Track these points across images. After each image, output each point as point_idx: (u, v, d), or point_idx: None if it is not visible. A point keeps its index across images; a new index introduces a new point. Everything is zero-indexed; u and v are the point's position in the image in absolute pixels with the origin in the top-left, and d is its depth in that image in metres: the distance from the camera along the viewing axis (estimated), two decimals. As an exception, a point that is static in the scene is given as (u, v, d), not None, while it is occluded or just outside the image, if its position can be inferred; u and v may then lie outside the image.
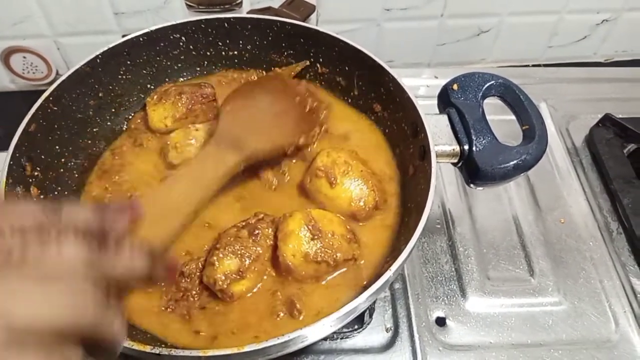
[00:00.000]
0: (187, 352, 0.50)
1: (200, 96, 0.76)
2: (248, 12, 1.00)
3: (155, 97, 0.77)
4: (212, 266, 0.61)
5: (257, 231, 0.63)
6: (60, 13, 0.99)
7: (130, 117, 0.81)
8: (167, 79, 0.83)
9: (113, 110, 0.79)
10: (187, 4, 1.01)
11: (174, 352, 0.50)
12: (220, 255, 0.61)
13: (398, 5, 1.05)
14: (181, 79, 0.85)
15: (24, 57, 1.06)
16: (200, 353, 0.50)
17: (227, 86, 0.82)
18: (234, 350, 0.50)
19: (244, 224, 0.65)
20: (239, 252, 0.62)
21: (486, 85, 0.70)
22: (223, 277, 0.60)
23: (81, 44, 1.05)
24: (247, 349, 0.50)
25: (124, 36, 0.77)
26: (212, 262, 0.61)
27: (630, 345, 0.72)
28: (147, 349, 0.50)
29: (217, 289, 0.61)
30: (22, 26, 1.00)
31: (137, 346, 0.50)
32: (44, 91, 0.68)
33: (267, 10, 0.97)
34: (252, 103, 0.70)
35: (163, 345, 0.53)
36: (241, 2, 1.01)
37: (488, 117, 0.68)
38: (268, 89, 0.73)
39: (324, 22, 1.07)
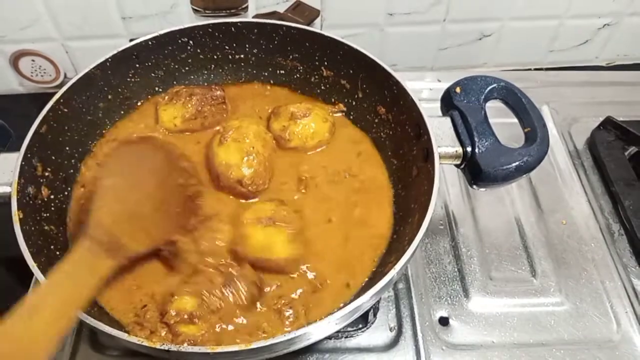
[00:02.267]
0: (195, 349, 0.52)
1: (211, 98, 0.78)
2: (253, 17, 1.02)
3: (166, 97, 0.79)
4: (171, 297, 0.60)
5: (230, 286, 0.61)
6: (69, 17, 1.01)
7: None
8: (174, 82, 0.84)
9: (122, 112, 0.81)
10: (193, 9, 1.02)
11: (182, 348, 0.51)
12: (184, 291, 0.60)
13: (401, 10, 1.07)
14: (188, 82, 0.86)
15: (33, 61, 1.07)
16: (209, 349, 0.51)
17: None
18: (242, 347, 0.51)
19: (223, 270, 0.62)
20: (202, 295, 0.60)
21: (488, 88, 0.71)
22: (174, 313, 0.58)
23: (89, 47, 1.06)
24: (254, 345, 0.51)
25: (131, 40, 0.78)
26: (172, 293, 0.61)
27: (631, 345, 0.73)
28: (157, 345, 0.51)
29: (164, 321, 0.59)
30: (31, 30, 1.02)
31: (146, 342, 0.51)
32: (52, 94, 0.69)
33: (273, 14, 0.99)
34: (130, 181, 0.61)
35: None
36: (247, 7, 1.03)
37: (490, 120, 0.69)
38: (149, 162, 0.64)
39: (328, 26, 1.08)
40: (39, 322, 0.45)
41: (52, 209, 0.67)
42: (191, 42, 0.81)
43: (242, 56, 0.85)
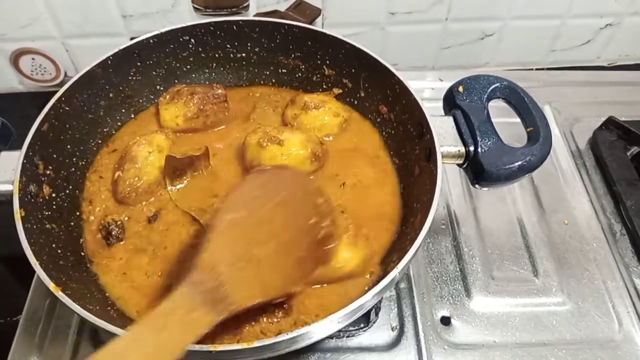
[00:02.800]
0: (197, 347, 0.51)
1: (212, 96, 0.78)
2: (254, 16, 1.01)
3: (167, 96, 0.79)
4: None
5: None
6: (69, 15, 1.01)
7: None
8: (176, 80, 0.84)
9: (123, 110, 0.80)
10: (194, 7, 1.02)
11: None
12: None
13: (403, 9, 1.06)
14: (189, 81, 0.86)
15: (33, 59, 1.07)
16: (211, 348, 0.50)
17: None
18: (244, 346, 0.51)
19: None
20: None
21: (491, 88, 0.71)
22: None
23: (89, 46, 1.06)
24: (256, 344, 0.50)
25: (132, 39, 0.78)
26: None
27: (633, 345, 0.73)
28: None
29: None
30: (31, 28, 1.01)
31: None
32: (52, 93, 0.69)
33: (274, 13, 0.99)
34: (255, 217, 0.51)
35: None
36: (248, 6, 1.03)
37: (493, 120, 0.69)
38: (279, 196, 0.53)
39: (329, 25, 1.08)
40: None
41: (54, 207, 0.67)
42: (193, 40, 0.81)
43: (243, 55, 0.85)
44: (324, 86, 0.84)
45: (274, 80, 0.87)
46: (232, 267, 0.47)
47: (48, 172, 0.67)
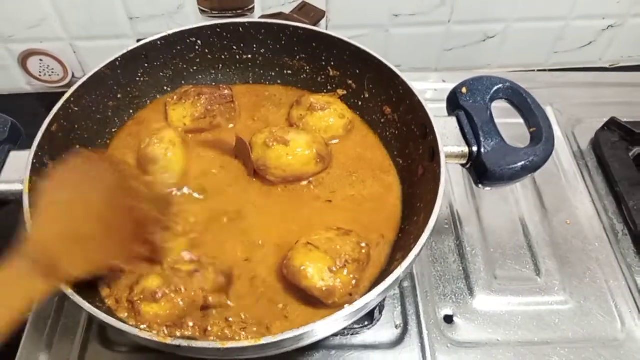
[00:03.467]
0: (205, 344, 0.52)
1: (219, 97, 0.79)
2: (259, 18, 1.02)
3: (175, 97, 0.80)
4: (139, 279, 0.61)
5: (198, 272, 0.61)
6: (76, 17, 1.02)
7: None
8: (183, 82, 0.85)
9: (131, 111, 0.82)
10: (200, 9, 1.03)
11: (193, 343, 0.52)
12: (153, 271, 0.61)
13: (406, 11, 1.07)
14: (195, 82, 0.87)
15: (41, 60, 1.08)
16: (219, 345, 0.51)
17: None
18: (251, 343, 0.51)
19: (194, 260, 0.63)
20: (167, 278, 0.60)
21: (494, 89, 0.72)
22: (137, 291, 0.59)
23: (97, 47, 1.07)
24: (263, 341, 0.51)
25: (138, 40, 0.79)
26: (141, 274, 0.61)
27: (636, 344, 0.73)
28: (167, 340, 0.52)
29: (129, 299, 0.60)
30: (39, 29, 1.03)
31: (156, 337, 0.52)
32: (59, 93, 0.70)
33: (279, 15, 1.00)
34: (74, 198, 0.56)
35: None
36: (253, 8, 1.04)
37: (496, 121, 0.70)
38: (97, 179, 0.60)
39: (333, 27, 1.09)
40: None
41: (63, 206, 0.68)
42: (199, 42, 0.82)
43: (249, 56, 0.86)
44: (329, 87, 0.85)
45: (279, 81, 0.88)
46: (58, 242, 0.52)
47: (57, 171, 0.68)
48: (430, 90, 1.06)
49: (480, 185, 0.70)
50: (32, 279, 0.49)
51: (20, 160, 0.63)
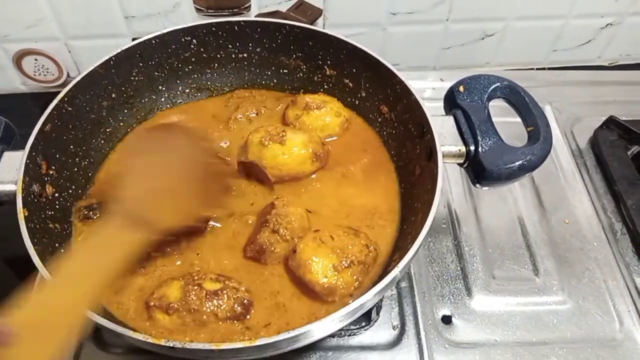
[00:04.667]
0: (200, 345, 0.52)
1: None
2: (256, 16, 1.02)
3: None
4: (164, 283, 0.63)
5: (217, 297, 0.61)
6: (72, 16, 1.01)
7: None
8: (177, 81, 0.84)
9: (125, 111, 0.81)
10: (196, 8, 1.02)
11: (187, 345, 0.51)
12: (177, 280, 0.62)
13: (404, 10, 1.07)
14: (191, 81, 0.86)
15: (36, 60, 1.08)
16: (214, 346, 0.51)
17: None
18: (246, 344, 0.51)
19: (220, 280, 0.63)
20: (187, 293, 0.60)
21: (492, 87, 0.71)
22: (156, 296, 0.61)
23: (92, 46, 1.06)
24: (258, 342, 0.51)
25: (134, 39, 0.78)
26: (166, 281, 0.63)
27: (634, 344, 0.73)
28: (161, 341, 0.51)
29: (148, 303, 0.61)
30: (34, 29, 1.02)
31: (151, 339, 0.51)
32: (54, 93, 0.70)
33: (275, 14, 0.99)
34: (155, 160, 0.62)
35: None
36: (249, 6, 1.03)
37: (493, 120, 0.69)
38: (172, 143, 0.64)
39: (330, 25, 1.08)
40: (71, 294, 0.47)
41: (57, 207, 0.68)
42: (195, 41, 0.82)
43: (245, 55, 0.85)
44: (325, 86, 0.85)
45: (275, 80, 0.87)
46: (146, 199, 0.57)
47: (51, 172, 0.68)
48: (429, 89, 1.06)
49: (477, 185, 0.69)
50: (127, 233, 0.53)
51: (14, 161, 0.63)
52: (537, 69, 1.23)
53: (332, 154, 0.78)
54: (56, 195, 0.68)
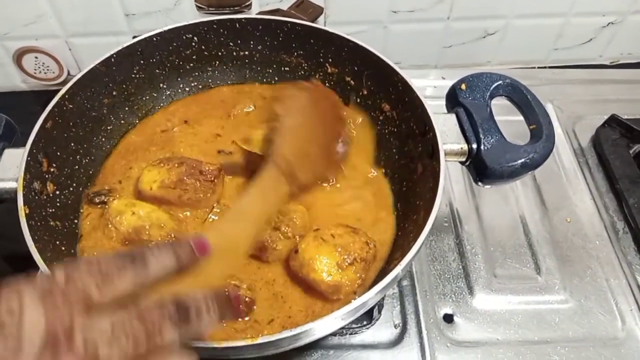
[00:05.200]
0: (202, 344, 0.51)
1: (199, 172, 0.70)
2: (257, 14, 1.01)
3: (158, 161, 0.72)
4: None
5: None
6: (72, 14, 1.01)
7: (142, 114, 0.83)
8: (178, 78, 0.84)
9: (126, 108, 0.81)
10: (196, 6, 1.02)
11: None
12: None
13: (405, 8, 1.06)
14: (192, 79, 0.86)
15: (36, 58, 1.07)
16: (215, 344, 0.51)
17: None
18: (248, 342, 0.51)
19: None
20: None
21: (494, 85, 0.71)
22: None
23: (92, 44, 1.06)
24: (260, 340, 0.51)
25: (134, 37, 0.78)
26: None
27: (637, 342, 0.73)
28: (163, 340, 0.51)
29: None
30: (34, 27, 1.02)
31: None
32: (55, 91, 0.69)
33: (276, 12, 0.99)
34: (305, 121, 0.67)
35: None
36: (250, 4, 1.03)
37: (496, 118, 0.69)
38: (319, 106, 0.69)
39: (331, 23, 1.08)
40: (242, 226, 0.55)
41: (58, 204, 0.67)
42: (196, 38, 0.81)
43: (246, 53, 0.85)
44: (327, 84, 0.84)
45: (277, 78, 0.87)
46: (294, 156, 0.62)
47: (52, 169, 0.67)
48: (430, 87, 1.05)
49: (480, 183, 0.69)
50: (281, 184, 0.60)
51: (15, 158, 0.63)
52: (539, 67, 1.22)
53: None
54: (57, 192, 0.68)
